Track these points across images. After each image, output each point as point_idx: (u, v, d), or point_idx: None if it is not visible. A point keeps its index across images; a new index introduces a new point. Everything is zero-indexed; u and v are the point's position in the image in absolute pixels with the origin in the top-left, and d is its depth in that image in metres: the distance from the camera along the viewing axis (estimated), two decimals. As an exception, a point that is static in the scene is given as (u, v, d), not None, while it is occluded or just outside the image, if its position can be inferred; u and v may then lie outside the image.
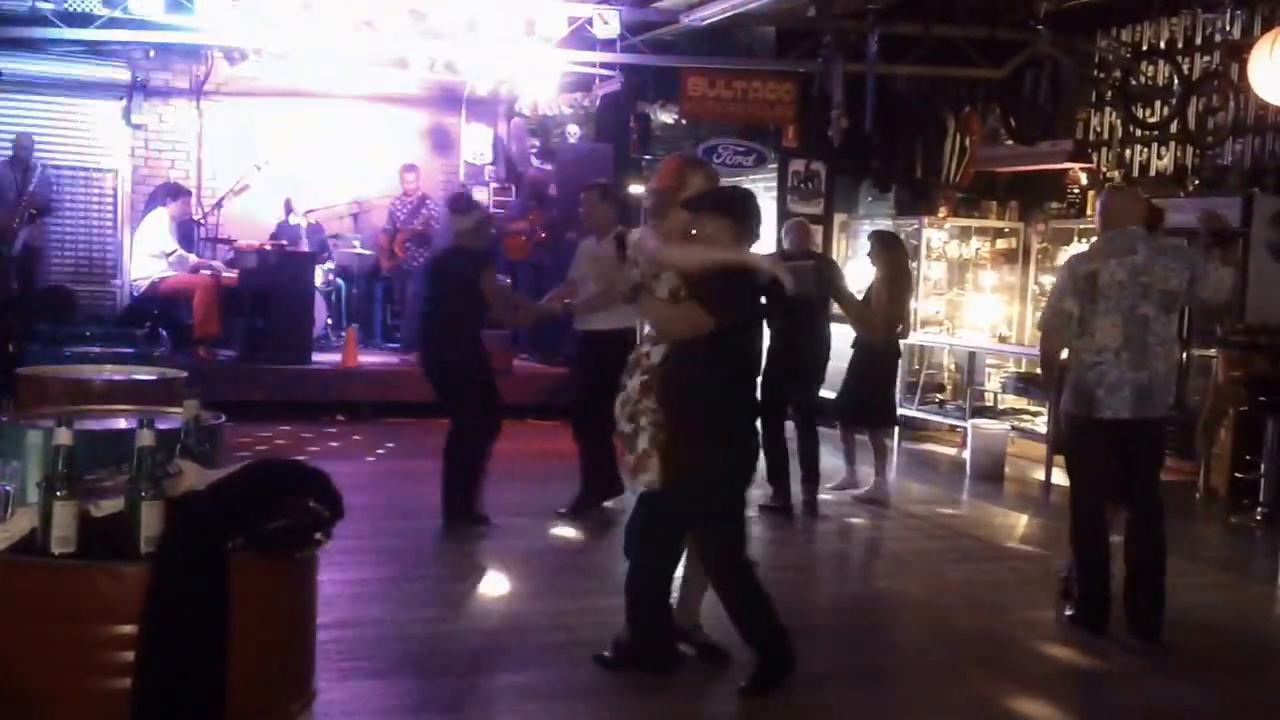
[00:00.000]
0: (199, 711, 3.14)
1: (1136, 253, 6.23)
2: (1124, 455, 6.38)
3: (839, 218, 13.96)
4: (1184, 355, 9.85)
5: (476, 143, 16.26)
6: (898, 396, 12.34)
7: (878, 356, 9.61)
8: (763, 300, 5.37)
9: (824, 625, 6.58)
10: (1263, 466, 9.24)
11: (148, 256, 12.59)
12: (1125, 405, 6.20)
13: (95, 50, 13.50)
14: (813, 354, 9.17)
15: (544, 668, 5.55)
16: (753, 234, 5.43)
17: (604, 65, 13.16)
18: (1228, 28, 11.02)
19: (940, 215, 13.28)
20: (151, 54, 14.07)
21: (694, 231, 5.33)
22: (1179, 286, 6.28)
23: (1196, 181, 11.29)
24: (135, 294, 12.98)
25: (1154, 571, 6.23)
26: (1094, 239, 6.51)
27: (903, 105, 13.60)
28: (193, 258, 12.94)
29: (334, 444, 11.08)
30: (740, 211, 5.36)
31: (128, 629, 3.11)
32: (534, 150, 15.73)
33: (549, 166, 14.95)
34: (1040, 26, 11.77)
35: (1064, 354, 6.58)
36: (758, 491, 8.99)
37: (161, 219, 12.73)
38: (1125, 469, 6.43)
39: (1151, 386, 6.23)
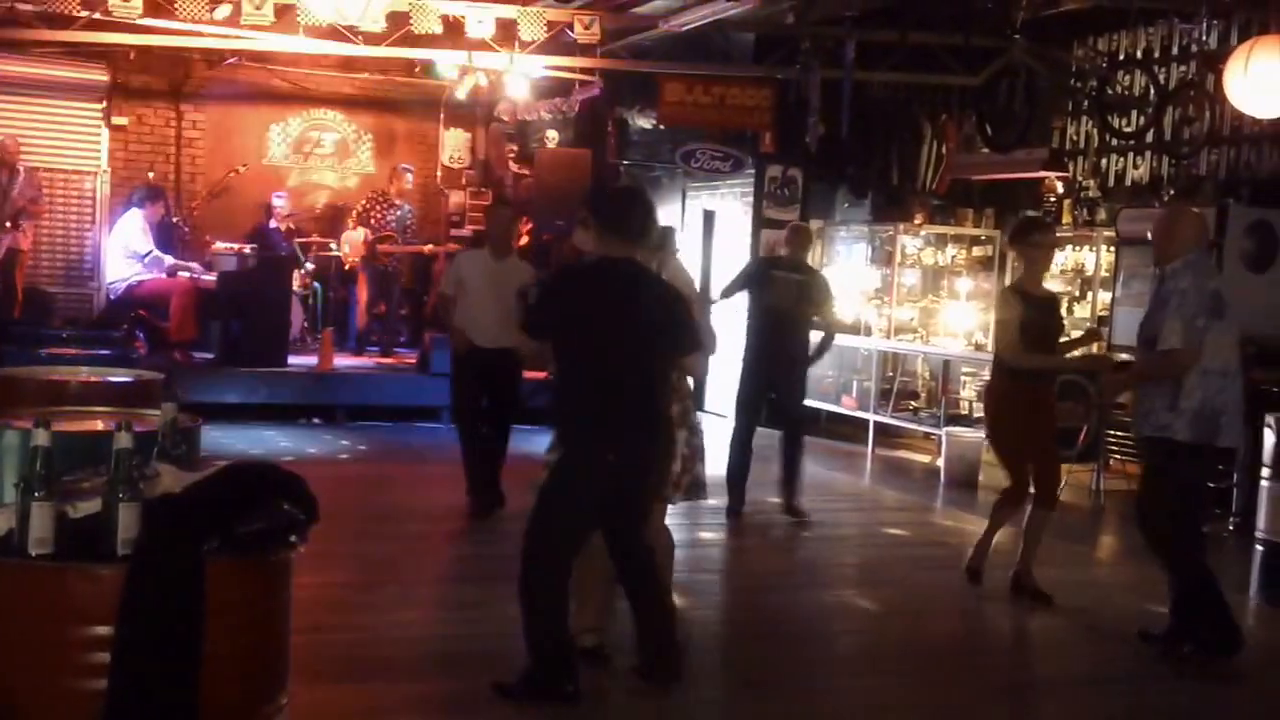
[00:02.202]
0: (173, 713, 3.15)
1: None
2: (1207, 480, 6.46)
3: (815, 223, 14.00)
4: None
5: (455, 147, 16.28)
6: (872, 403, 12.47)
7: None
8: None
9: (792, 633, 6.60)
10: (1235, 476, 9.30)
11: (123, 259, 12.56)
12: (1236, 432, 6.12)
13: (75, 52, 13.46)
14: (792, 363, 9.21)
15: (517, 673, 5.56)
16: (627, 234, 5.15)
17: (583, 70, 13.19)
18: (1204, 38, 11.10)
19: (915, 222, 13.34)
20: (132, 56, 14.04)
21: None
22: None
23: (1172, 191, 11.36)
24: (113, 296, 12.94)
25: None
26: (1188, 259, 6.09)
27: (879, 112, 13.66)
28: (169, 259, 12.91)
29: (309, 447, 11.07)
30: (605, 211, 5.23)
31: (104, 630, 3.12)
32: (512, 155, 15.74)
33: (526, 172, 14.96)
34: (1016, 35, 11.84)
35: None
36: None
37: (136, 221, 12.69)
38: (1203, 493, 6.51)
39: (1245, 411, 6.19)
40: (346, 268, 14.20)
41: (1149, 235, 6.62)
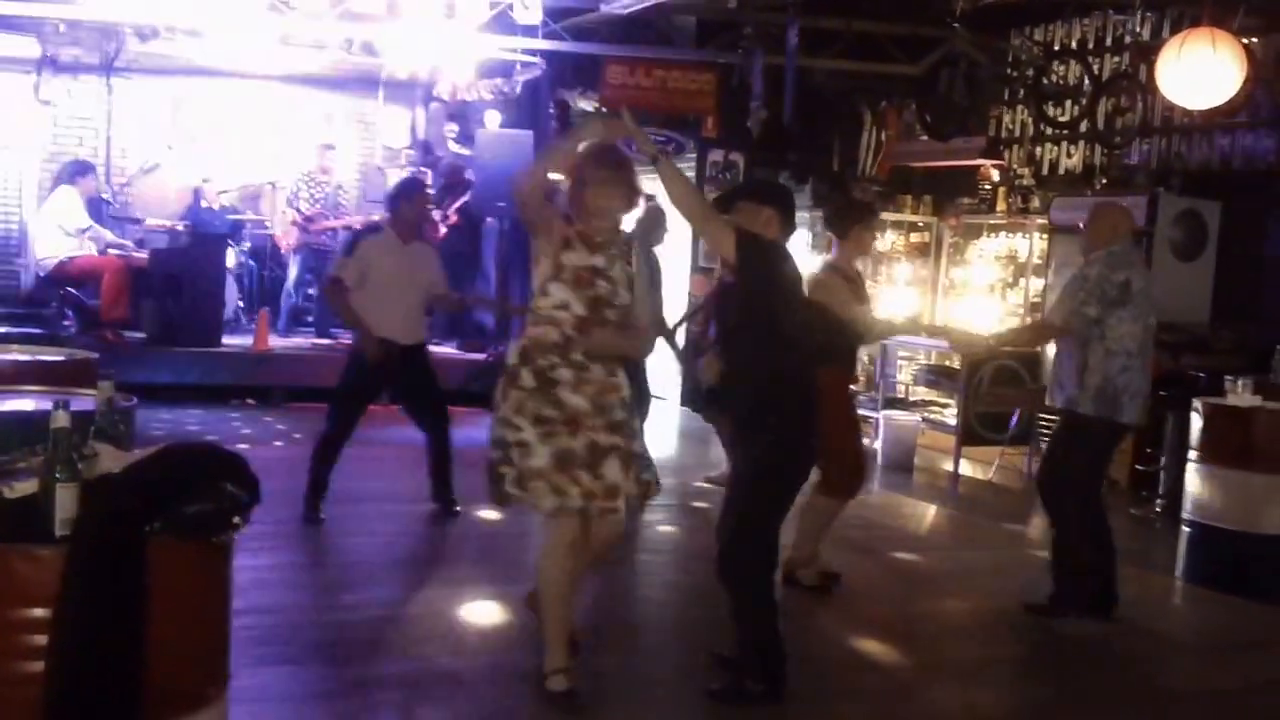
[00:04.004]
0: (114, 696, 3.11)
1: (1144, 265, 6.53)
2: (1110, 456, 6.80)
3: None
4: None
5: (394, 126, 16.14)
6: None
7: None
8: None
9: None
10: (1162, 460, 9.47)
11: (59, 235, 12.33)
12: (1137, 411, 6.46)
13: (3, 24, 13.21)
14: None
15: (459, 655, 5.55)
16: (794, 225, 5.50)
17: (525, 51, 13.12)
18: (1137, 30, 11.25)
19: (855, 208, 13.40)
20: (61, 28, 13.78)
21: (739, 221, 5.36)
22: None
23: (1104, 180, 11.51)
24: (41, 274, 12.74)
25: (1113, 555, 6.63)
26: (1110, 250, 6.42)
27: (821, 99, 13.71)
28: (108, 234, 12.75)
29: (244, 429, 10.98)
30: (783, 203, 5.41)
31: (43, 612, 3.08)
32: (452, 135, 15.63)
33: (467, 152, 14.88)
34: (956, 24, 11.92)
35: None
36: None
37: (71, 196, 12.49)
38: (1105, 468, 6.85)
39: (1148, 394, 6.55)
40: (283, 251, 14.08)
41: (1080, 225, 6.94)
